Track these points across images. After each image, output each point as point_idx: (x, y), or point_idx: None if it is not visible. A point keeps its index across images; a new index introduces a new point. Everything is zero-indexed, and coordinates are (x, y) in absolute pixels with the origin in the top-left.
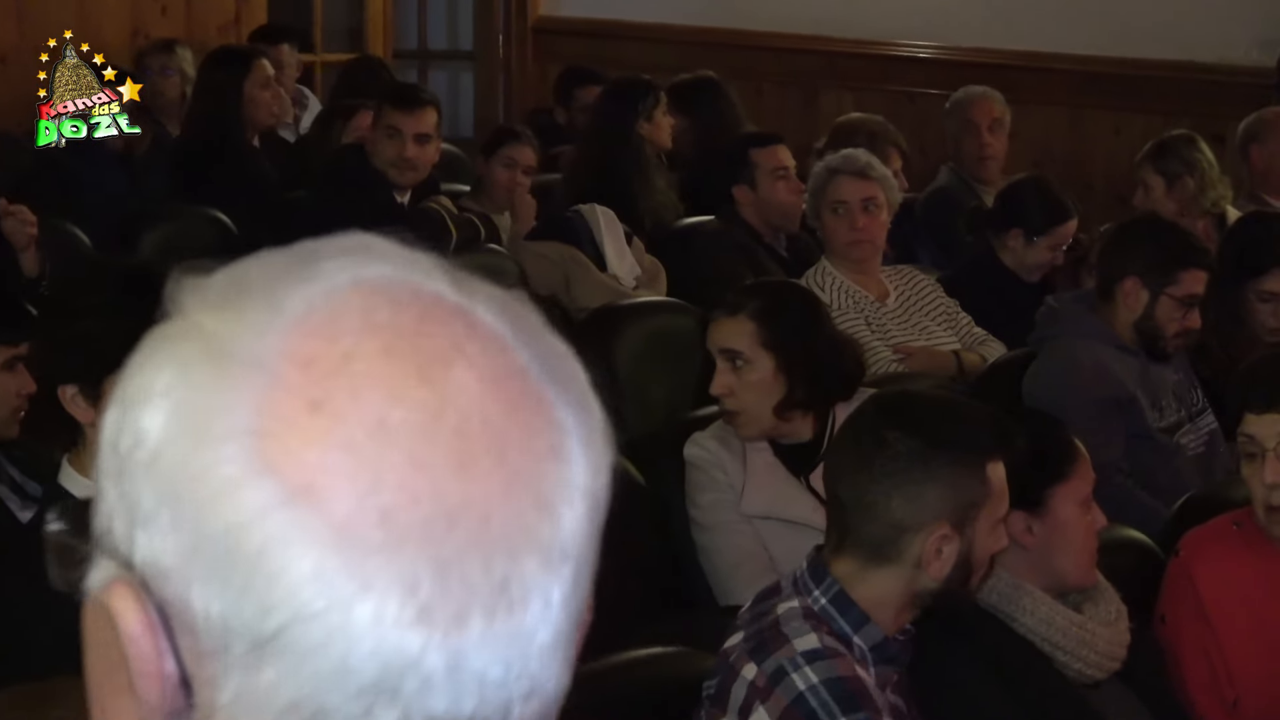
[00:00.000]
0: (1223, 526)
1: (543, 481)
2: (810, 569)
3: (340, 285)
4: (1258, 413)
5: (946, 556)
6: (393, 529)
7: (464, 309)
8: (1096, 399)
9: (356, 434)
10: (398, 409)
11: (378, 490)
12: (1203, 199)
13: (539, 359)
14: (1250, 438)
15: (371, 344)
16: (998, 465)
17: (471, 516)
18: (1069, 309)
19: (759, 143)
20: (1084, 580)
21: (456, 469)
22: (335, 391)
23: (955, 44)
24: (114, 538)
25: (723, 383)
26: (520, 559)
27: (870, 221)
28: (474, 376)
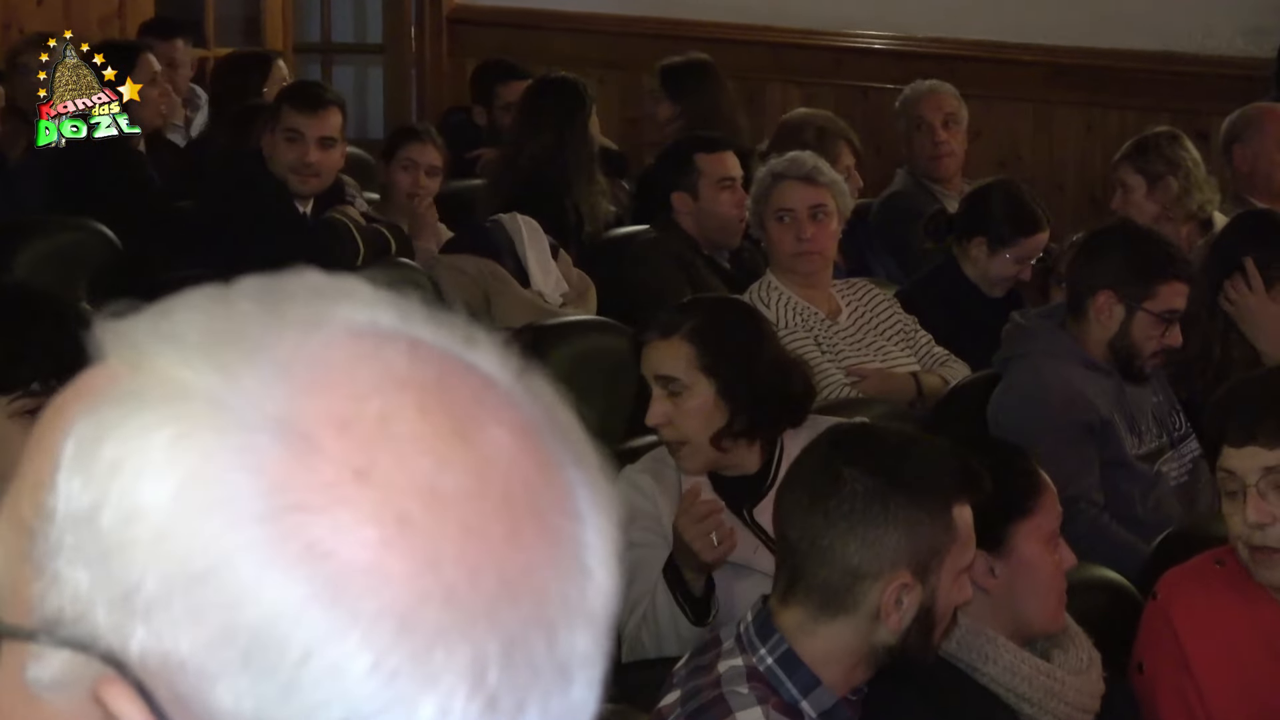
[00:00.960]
0: (1204, 565)
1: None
2: (756, 623)
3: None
4: (1236, 445)
5: (906, 608)
6: (458, 610)
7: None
8: (1067, 424)
9: (411, 505)
10: (447, 474)
11: (438, 567)
12: (1188, 202)
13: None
14: (1229, 473)
15: (403, 401)
16: (964, 508)
17: (530, 588)
18: (1037, 326)
19: (706, 147)
20: (1051, 625)
21: (509, 537)
22: (380, 457)
23: (911, 34)
24: (87, 626)
25: (659, 411)
26: (576, 631)
27: (819, 231)
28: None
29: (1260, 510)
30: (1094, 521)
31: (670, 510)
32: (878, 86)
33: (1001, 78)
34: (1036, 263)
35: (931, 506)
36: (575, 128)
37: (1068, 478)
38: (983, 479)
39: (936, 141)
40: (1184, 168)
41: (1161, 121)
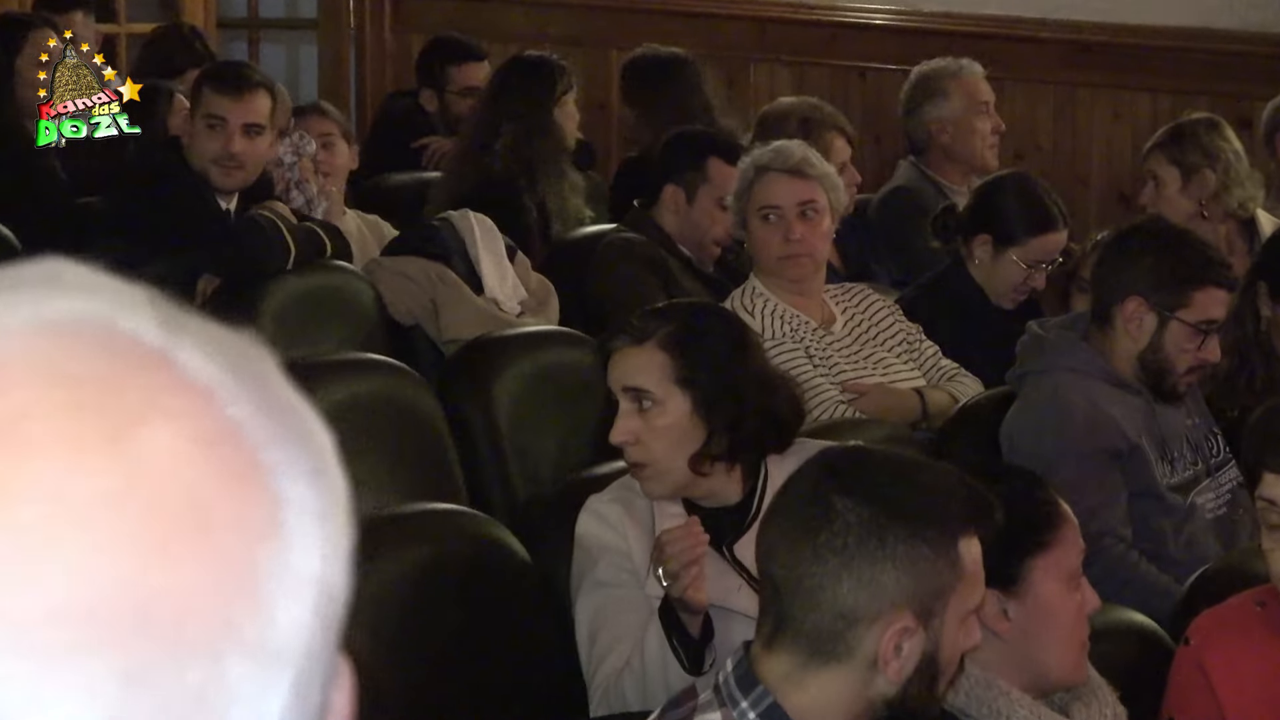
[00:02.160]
0: (1243, 608)
1: (256, 567)
2: (737, 673)
3: (13, 327)
4: (1278, 471)
5: (908, 654)
6: (68, 630)
7: (166, 353)
8: (1091, 450)
9: (24, 514)
10: (79, 480)
11: (47, 584)
12: (1227, 198)
13: (261, 415)
14: (1270, 503)
15: (53, 399)
16: (972, 542)
17: (165, 611)
18: (1058, 337)
19: (727, 155)
20: (1072, 676)
21: (149, 553)
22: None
23: (916, 8)
24: None
25: (626, 428)
26: (223, 663)
27: (809, 230)
28: (178, 438)
29: None
30: (1121, 559)
31: (642, 545)
32: (877, 67)
33: (1018, 57)
34: (1055, 266)
35: (935, 540)
36: (546, 115)
37: (1091, 510)
38: (993, 509)
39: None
40: (1224, 159)
41: (1198, 107)
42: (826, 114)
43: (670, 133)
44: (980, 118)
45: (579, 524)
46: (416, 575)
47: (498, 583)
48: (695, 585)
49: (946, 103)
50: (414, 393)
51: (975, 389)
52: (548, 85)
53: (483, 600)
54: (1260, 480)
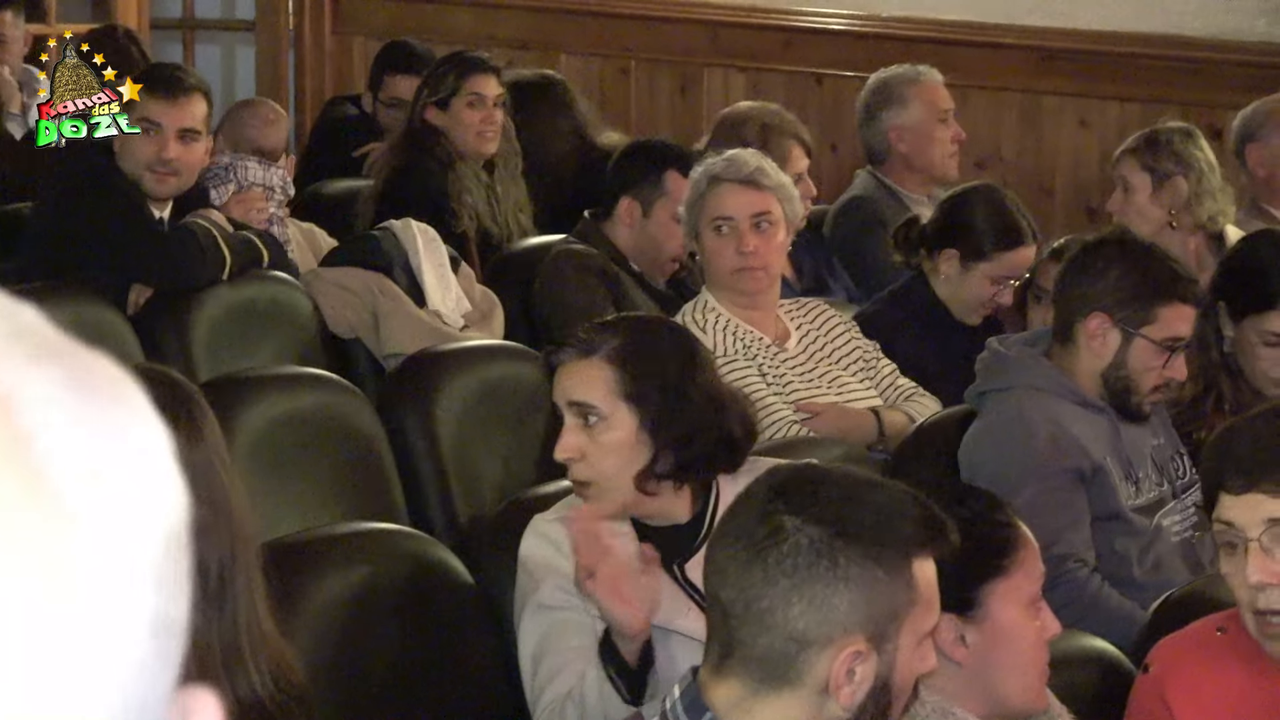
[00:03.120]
0: (1204, 633)
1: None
2: (684, 699)
3: None
4: (1236, 493)
5: (860, 679)
6: None
7: None
8: (1053, 471)
9: None
10: None
11: None
12: (1198, 209)
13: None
14: (1228, 525)
15: None
16: (926, 563)
17: None
18: (1019, 354)
19: (684, 168)
20: (1032, 704)
21: None
22: None
23: (874, 12)
24: None
25: (570, 444)
26: None
27: (763, 243)
28: None
29: (1264, 568)
30: (1084, 584)
31: None
32: (833, 73)
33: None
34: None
35: (889, 561)
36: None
37: (1054, 533)
38: (948, 529)
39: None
40: (1197, 169)
41: (1168, 116)
42: (786, 122)
43: (628, 144)
44: (940, 126)
45: (523, 545)
46: (354, 597)
47: (439, 605)
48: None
49: (905, 110)
50: (353, 408)
51: (933, 409)
52: (430, 86)
53: (423, 623)
54: (1217, 502)
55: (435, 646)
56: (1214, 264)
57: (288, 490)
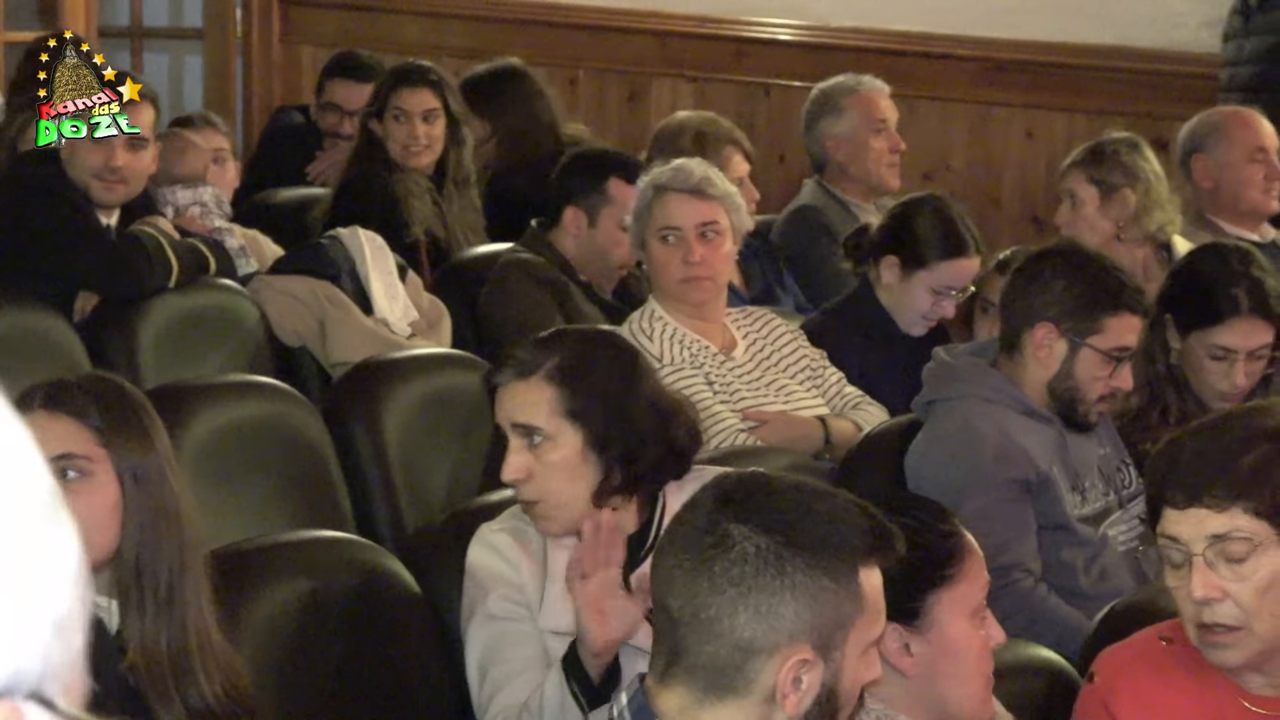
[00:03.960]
0: (1148, 643)
1: None
2: (632, 706)
3: None
4: (1180, 508)
5: (807, 688)
6: None
7: None
8: (1000, 481)
9: None
10: None
11: None
12: (1146, 220)
13: None
14: (1172, 540)
15: None
16: (872, 572)
17: None
18: (965, 364)
19: (627, 175)
20: (977, 713)
21: None
22: None
23: (824, 23)
24: None
25: (517, 465)
26: None
27: (710, 252)
28: None
29: (1208, 584)
30: (1029, 594)
31: (534, 576)
32: (783, 84)
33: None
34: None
35: (835, 570)
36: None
37: (1000, 543)
38: (894, 539)
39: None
40: (1144, 180)
41: (1115, 127)
42: (723, 128)
43: (569, 154)
44: (876, 136)
45: (470, 554)
46: (300, 606)
47: (385, 614)
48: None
49: (841, 119)
50: (299, 417)
51: (880, 417)
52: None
53: (369, 632)
54: (1161, 516)
55: (381, 655)
56: (1161, 275)
57: (234, 498)
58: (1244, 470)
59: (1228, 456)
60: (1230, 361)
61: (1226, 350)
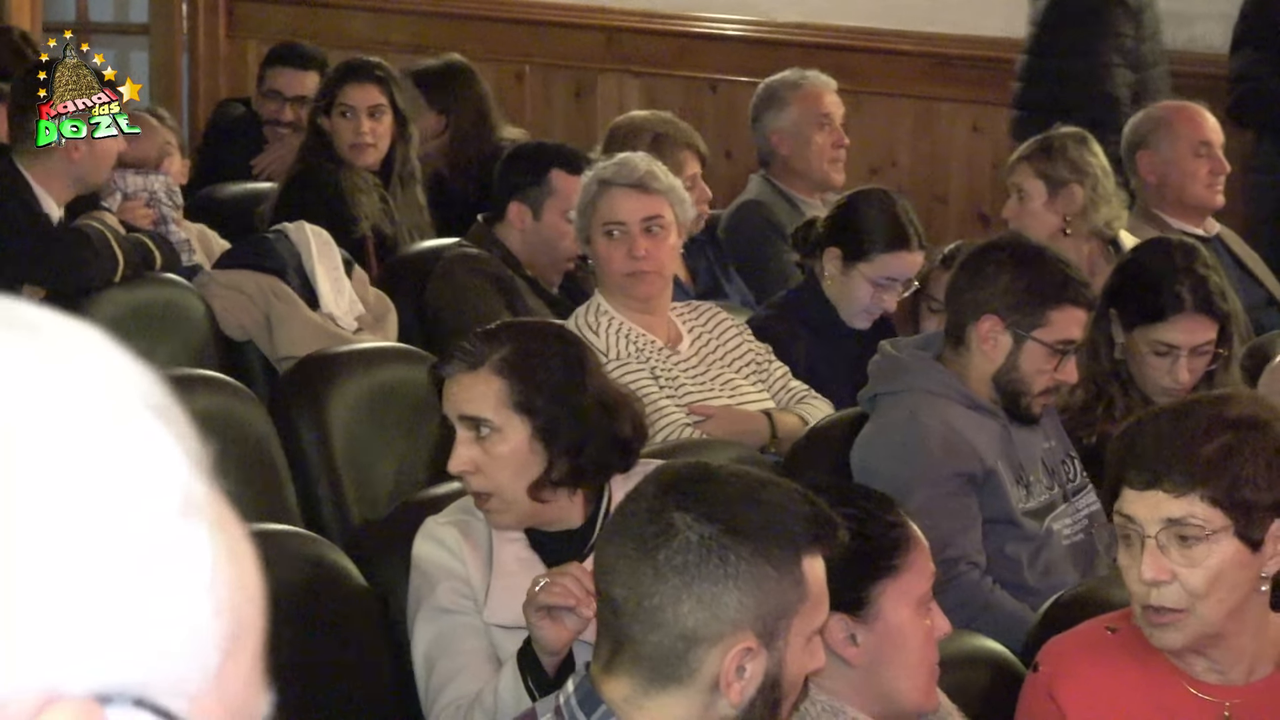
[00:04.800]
0: (1094, 633)
1: None
2: (578, 694)
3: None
4: (1138, 489)
5: (750, 677)
6: None
7: None
8: (946, 474)
9: None
10: None
11: None
12: (1093, 215)
13: None
14: (1128, 519)
15: None
16: (816, 561)
17: None
18: (911, 357)
19: (569, 166)
20: (923, 703)
21: None
22: None
23: (770, 18)
24: None
25: (464, 457)
26: None
27: (655, 246)
28: None
29: (1158, 567)
30: (975, 587)
31: (480, 569)
32: (729, 79)
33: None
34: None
35: (778, 559)
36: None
37: (945, 537)
38: (837, 527)
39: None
40: (1092, 175)
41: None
42: (680, 130)
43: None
44: (818, 130)
45: (415, 547)
46: None
47: (331, 607)
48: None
49: (784, 114)
50: (246, 411)
51: (825, 411)
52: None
53: (316, 625)
54: (1120, 495)
55: (327, 647)
56: (1107, 269)
57: None
58: (1205, 458)
59: (1191, 443)
60: (1174, 358)
61: (1170, 347)
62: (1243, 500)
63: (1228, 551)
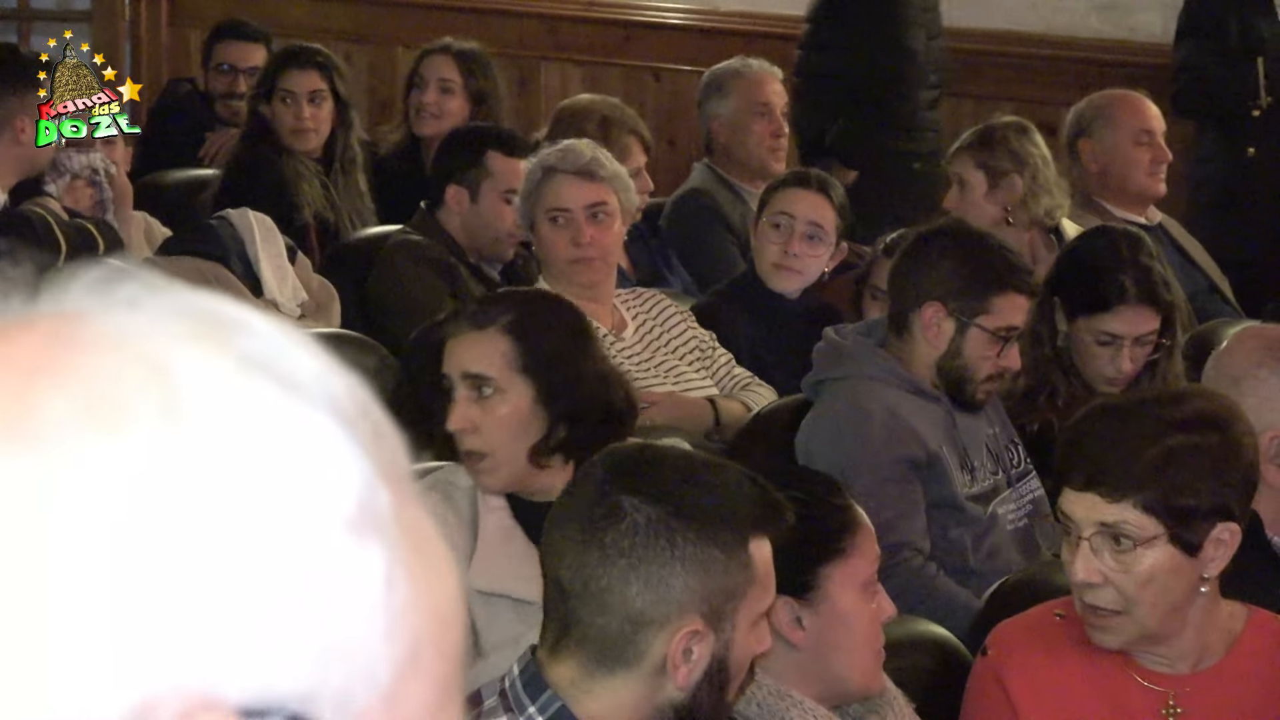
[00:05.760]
0: (1042, 618)
1: None
2: (524, 677)
3: None
4: (1076, 489)
5: (697, 660)
6: None
7: None
8: (890, 460)
9: None
10: None
11: None
12: (1034, 205)
13: None
14: (1067, 517)
15: None
16: (762, 544)
17: None
18: (855, 344)
19: (504, 147)
20: (869, 686)
21: None
22: None
23: (714, 7)
24: None
25: (464, 415)
26: None
27: (599, 233)
28: None
29: (1089, 569)
30: (919, 572)
31: (463, 536)
32: (672, 68)
33: None
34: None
35: (725, 542)
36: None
37: (889, 522)
38: (783, 510)
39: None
40: (1032, 165)
41: (1002, 112)
42: (627, 116)
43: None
44: (757, 119)
45: None
46: None
47: None
48: None
49: (725, 101)
50: None
51: (769, 398)
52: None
53: None
54: (1061, 493)
55: None
56: (1050, 258)
57: None
58: (1144, 464)
59: (1132, 447)
60: (1116, 347)
61: (1113, 336)
62: (1179, 507)
63: (1161, 557)
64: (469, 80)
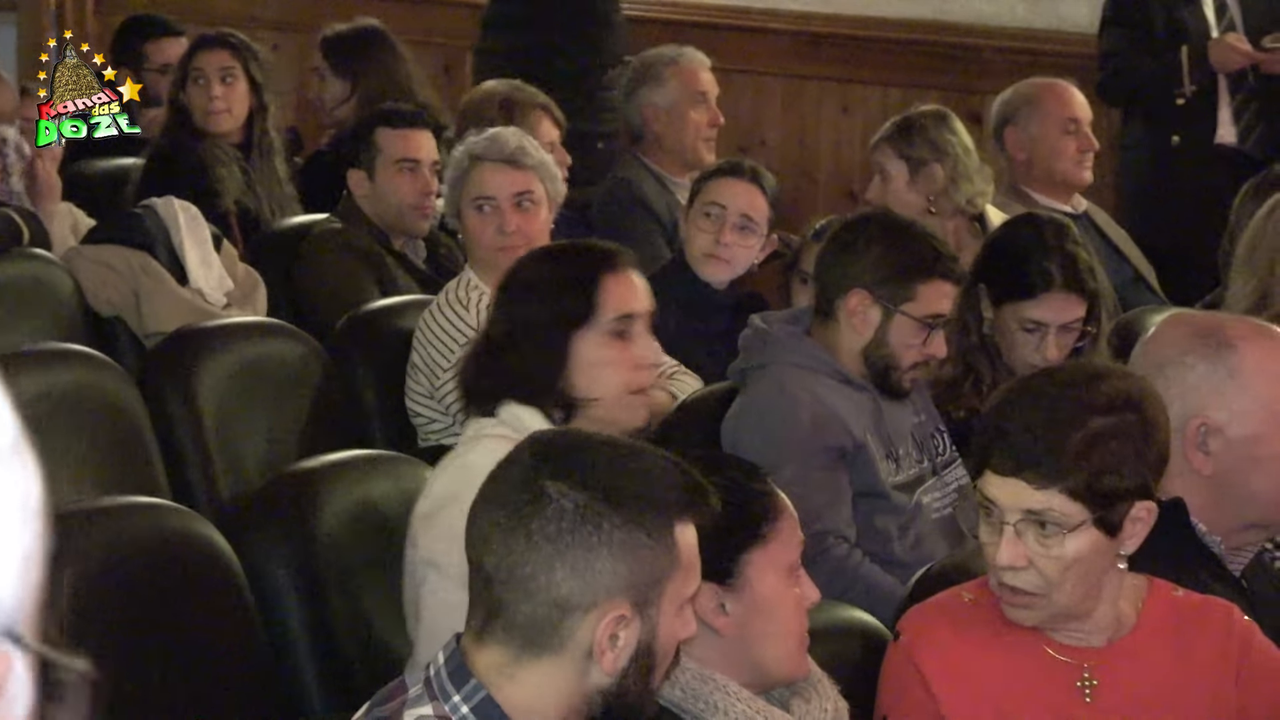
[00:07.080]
0: (952, 601)
1: None
2: (449, 666)
3: None
4: (1001, 474)
5: (624, 645)
6: None
7: None
8: (816, 448)
9: None
10: None
11: None
12: (955, 193)
13: None
14: (990, 501)
15: None
16: (688, 529)
17: None
18: (780, 332)
19: (389, 121)
20: (793, 671)
21: None
22: None
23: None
24: None
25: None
26: None
27: (525, 221)
28: None
29: (1014, 554)
30: (844, 560)
31: None
32: None
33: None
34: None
35: (651, 526)
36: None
37: (815, 510)
38: (709, 495)
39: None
40: (952, 154)
41: (929, 100)
42: (529, 93)
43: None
44: (696, 108)
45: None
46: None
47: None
48: None
49: (661, 90)
50: (114, 386)
51: (695, 387)
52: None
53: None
54: (983, 476)
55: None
56: (975, 246)
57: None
58: (1069, 451)
59: (1057, 434)
60: (1042, 334)
61: (1038, 324)
62: (1104, 490)
63: (1085, 541)
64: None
